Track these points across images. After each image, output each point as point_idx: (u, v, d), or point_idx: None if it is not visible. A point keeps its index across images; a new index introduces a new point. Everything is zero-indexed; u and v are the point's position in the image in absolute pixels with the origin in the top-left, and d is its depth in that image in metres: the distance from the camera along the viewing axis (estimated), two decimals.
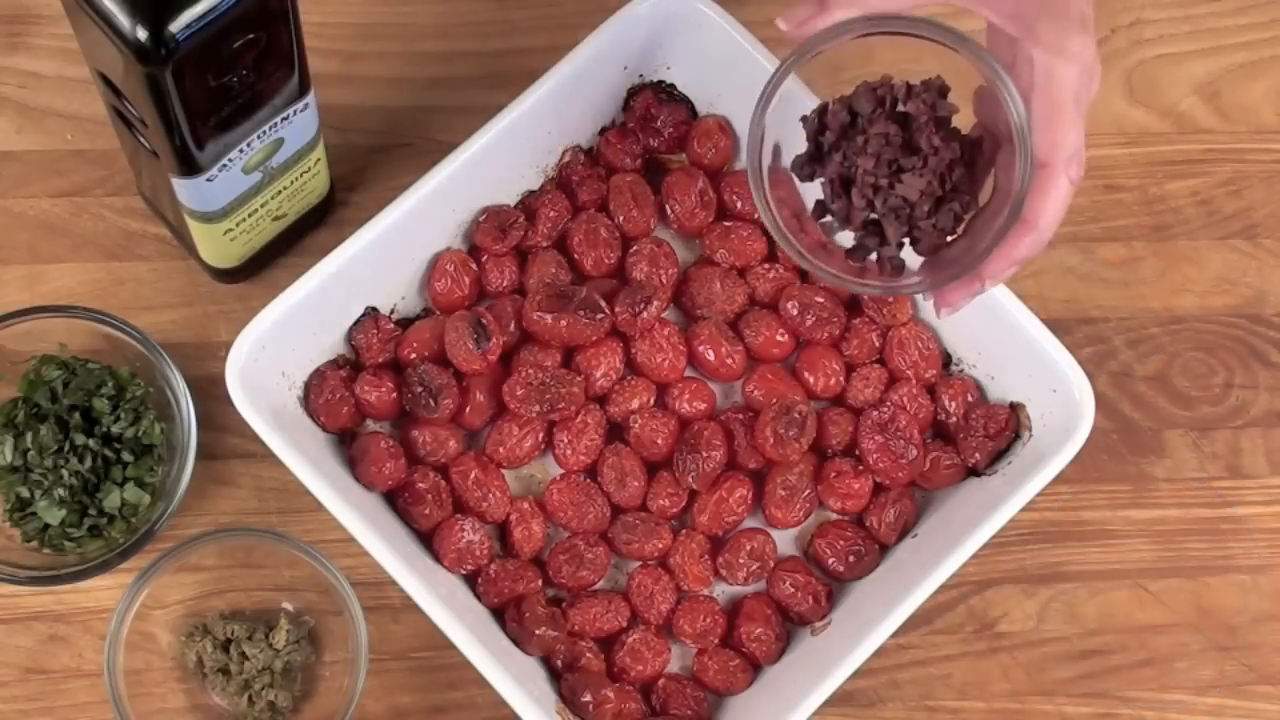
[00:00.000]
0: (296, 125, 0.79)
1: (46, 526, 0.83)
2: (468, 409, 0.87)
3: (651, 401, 0.88)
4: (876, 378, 0.89)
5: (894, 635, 0.80)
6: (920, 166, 0.71)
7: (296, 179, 0.84)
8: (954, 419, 0.88)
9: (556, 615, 0.84)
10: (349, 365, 0.87)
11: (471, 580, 0.85)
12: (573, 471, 0.87)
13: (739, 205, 0.91)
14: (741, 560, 0.86)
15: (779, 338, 0.88)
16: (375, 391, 0.86)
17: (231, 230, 0.83)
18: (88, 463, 0.83)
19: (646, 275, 0.89)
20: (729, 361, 0.88)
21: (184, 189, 0.78)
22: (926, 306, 0.89)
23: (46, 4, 0.94)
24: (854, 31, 0.70)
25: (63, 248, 0.90)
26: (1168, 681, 0.89)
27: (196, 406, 0.84)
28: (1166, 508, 0.92)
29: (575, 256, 0.90)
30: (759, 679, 0.85)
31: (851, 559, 0.86)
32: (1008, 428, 0.87)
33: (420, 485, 0.85)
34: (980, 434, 0.87)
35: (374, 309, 0.88)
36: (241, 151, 0.76)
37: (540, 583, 0.85)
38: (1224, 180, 0.97)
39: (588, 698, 0.81)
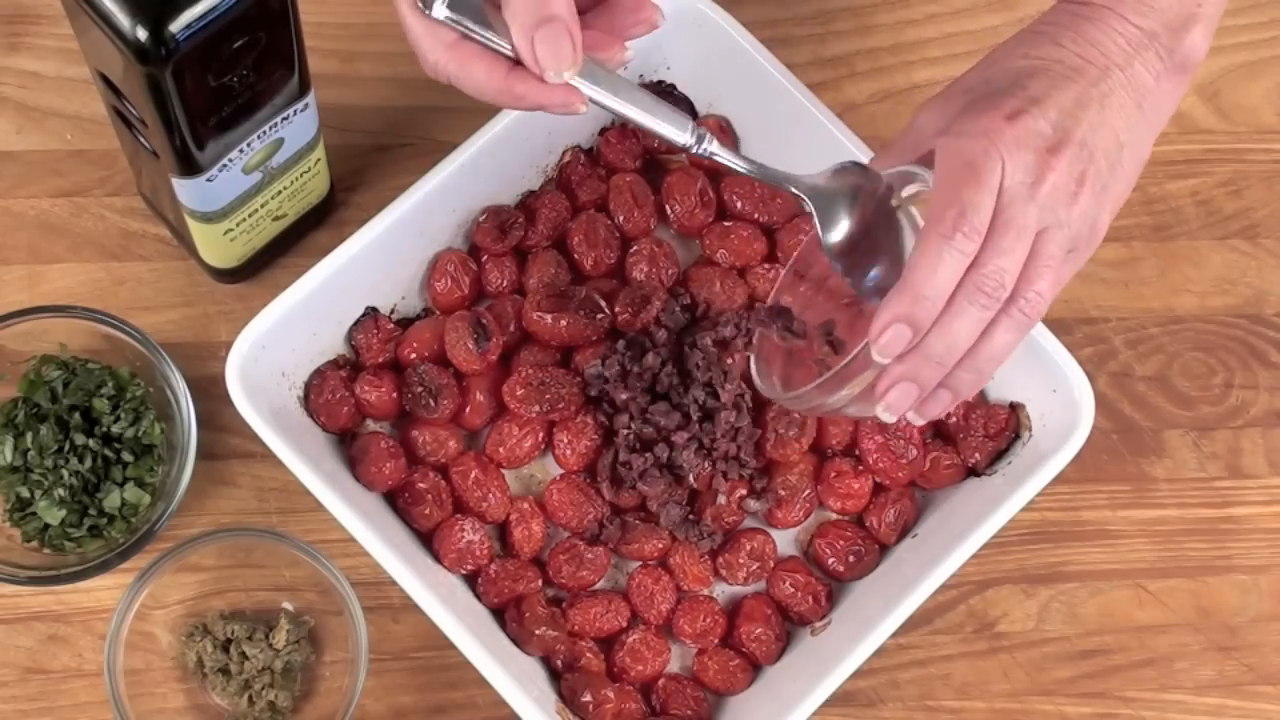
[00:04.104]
0: (296, 125, 0.79)
1: (46, 526, 0.83)
2: (468, 409, 0.87)
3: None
4: None
5: (894, 635, 0.80)
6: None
7: (296, 179, 0.84)
8: (954, 419, 0.88)
9: (556, 615, 0.84)
10: (349, 365, 0.87)
11: (471, 580, 0.85)
12: (572, 471, 0.87)
13: (739, 205, 0.91)
14: (741, 560, 0.86)
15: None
16: (375, 391, 0.86)
17: (231, 230, 0.83)
18: (88, 463, 0.83)
19: (646, 275, 0.89)
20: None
21: (184, 189, 0.78)
22: None
23: (46, 4, 0.94)
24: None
25: (63, 248, 0.90)
26: (1168, 681, 0.89)
27: (196, 406, 0.84)
28: (1166, 508, 0.92)
29: (575, 256, 0.90)
30: (759, 679, 0.85)
31: (851, 559, 0.86)
32: (1008, 428, 0.87)
33: (420, 485, 0.85)
34: (980, 434, 0.87)
35: (374, 309, 0.88)
36: (241, 151, 0.76)
37: (540, 583, 0.85)
38: (1224, 180, 0.97)
39: (588, 698, 0.81)
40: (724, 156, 0.69)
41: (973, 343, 0.68)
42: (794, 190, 0.70)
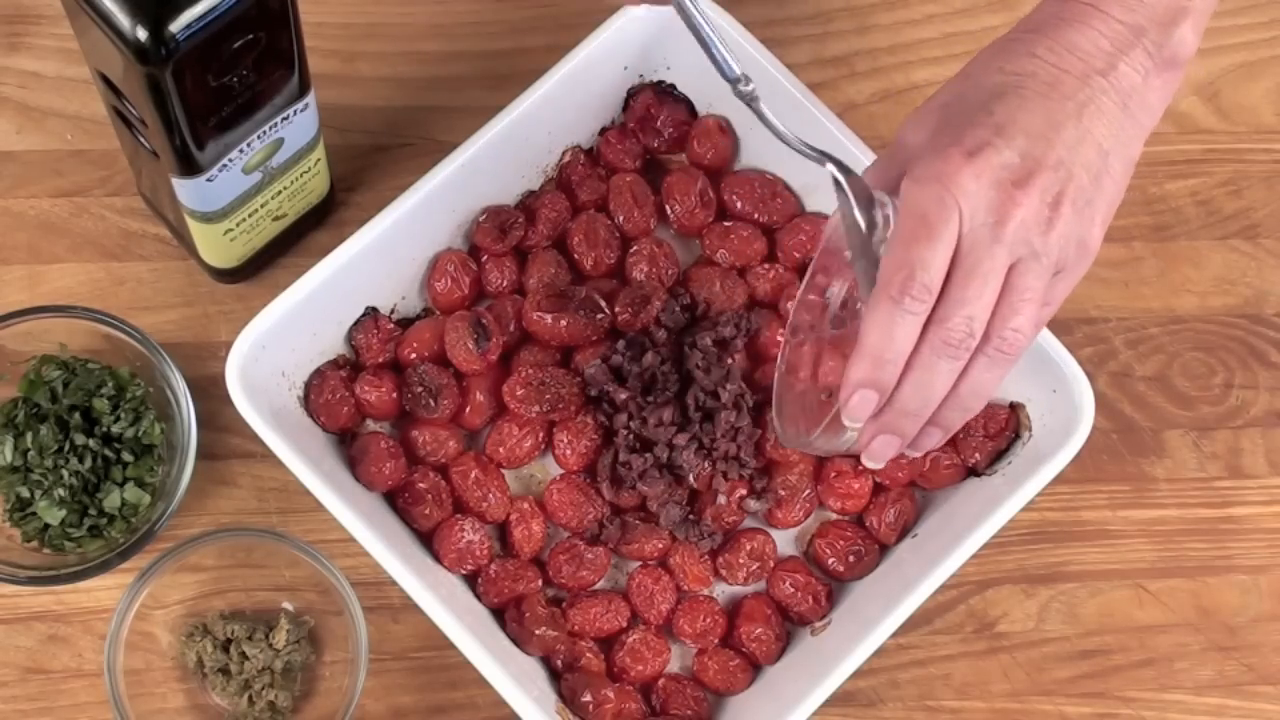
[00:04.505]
0: (296, 125, 0.79)
1: (46, 526, 0.83)
2: (468, 409, 0.87)
3: None
4: None
5: (894, 635, 0.80)
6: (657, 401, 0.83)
7: (296, 179, 0.84)
8: None
9: (556, 615, 0.84)
10: (349, 365, 0.87)
11: (471, 580, 0.85)
12: (572, 471, 0.87)
13: (739, 205, 0.91)
14: (741, 560, 0.86)
15: (779, 337, 0.88)
16: (375, 391, 0.86)
17: (231, 230, 0.83)
18: (88, 463, 0.83)
19: (646, 275, 0.89)
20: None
21: (184, 189, 0.78)
22: None
23: (46, 4, 0.94)
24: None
25: (63, 248, 0.90)
26: (1168, 681, 0.89)
27: (196, 406, 0.84)
28: (1166, 508, 0.92)
29: (575, 256, 0.90)
30: (759, 679, 0.86)
31: (851, 559, 0.86)
32: (1008, 428, 0.87)
33: (420, 485, 0.85)
34: (980, 434, 0.87)
35: (374, 309, 0.88)
36: (241, 151, 0.77)
37: (540, 583, 0.85)
38: (1224, 180, 0.97)
39: (588, 698, 0.81)
40: (765, 114, 0.70)
41: (951, 387, 0.66)
42: (831, 168, 0.68)
